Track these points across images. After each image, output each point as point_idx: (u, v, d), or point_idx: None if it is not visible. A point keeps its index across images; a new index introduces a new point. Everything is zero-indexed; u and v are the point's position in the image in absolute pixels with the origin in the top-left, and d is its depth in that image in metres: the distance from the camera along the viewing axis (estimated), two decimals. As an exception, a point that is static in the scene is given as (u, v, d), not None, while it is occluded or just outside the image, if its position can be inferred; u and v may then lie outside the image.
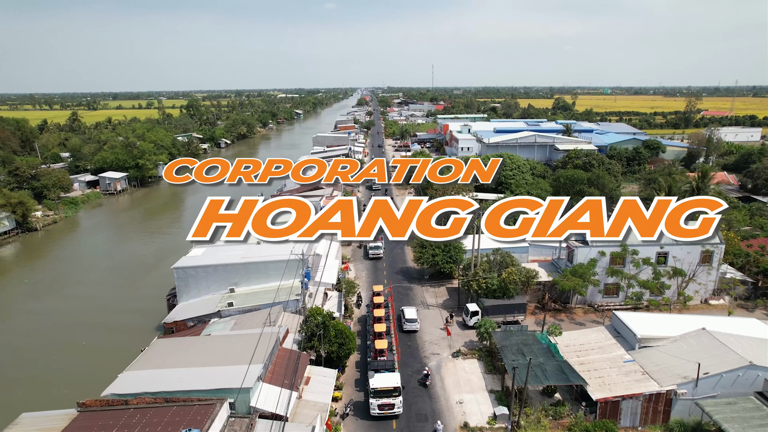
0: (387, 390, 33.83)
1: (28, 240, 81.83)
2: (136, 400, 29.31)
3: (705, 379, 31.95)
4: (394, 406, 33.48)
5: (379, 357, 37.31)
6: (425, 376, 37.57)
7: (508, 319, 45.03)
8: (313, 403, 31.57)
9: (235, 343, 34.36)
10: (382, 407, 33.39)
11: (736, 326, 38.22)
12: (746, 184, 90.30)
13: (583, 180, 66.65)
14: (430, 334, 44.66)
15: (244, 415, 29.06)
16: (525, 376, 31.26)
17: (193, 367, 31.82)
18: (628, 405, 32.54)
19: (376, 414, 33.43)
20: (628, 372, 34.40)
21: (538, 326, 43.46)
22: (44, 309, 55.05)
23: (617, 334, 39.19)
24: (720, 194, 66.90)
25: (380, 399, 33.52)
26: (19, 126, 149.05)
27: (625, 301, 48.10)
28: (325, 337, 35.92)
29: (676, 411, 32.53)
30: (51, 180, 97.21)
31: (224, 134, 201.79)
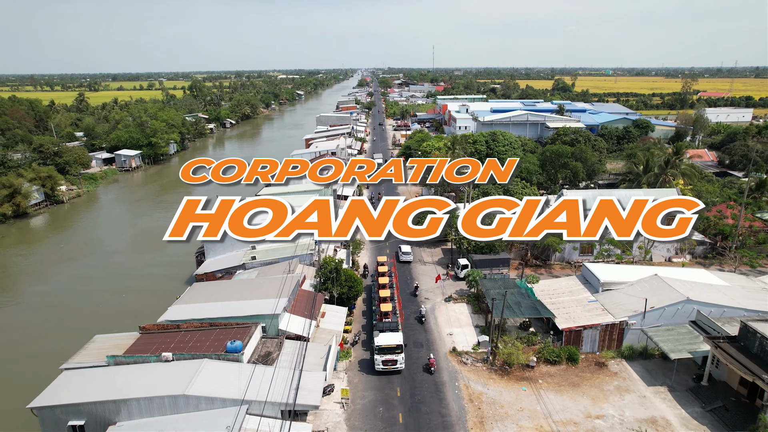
0: (390, 347, 36.81)
1: (57, 211, 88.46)
2: (185, 324, 36.27)
3: (651, 312, 38.77)
4: (396, 362, 36.62)
5: (384, 319, 40.77)
6: (421, 316, 44.47)
7: (494, 273, 51.80)
8: (329, 330, 38.51)
9: (263, 284, 41.20)
10: (386, 363, 36.55)
11: (686, 274, 44.97)
12: (724, 161, 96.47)
13: (567, 154, 72.99)
14: (426, 284, 51.53)
15: (274, 336, 35.99)
16: (502, 307, 38.08)
17: (230, 301, 38.70)
18: (588, 334, 39.43)
19: (380, 369, 36.62)
20: (590, 309, 41.24)
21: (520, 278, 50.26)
22: (83, 268, 62.02)
23: (585, 282, 45.94)
24: (693, 167, 73.05)
25: (384, 356, 36.62)
26: (32, 106, 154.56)
27: (595, 256, 54.82)
28: (337, 281, 42.75)
29: (627, 338, 39.45)
30: (72, 157, 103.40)
31: (229, 114, 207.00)
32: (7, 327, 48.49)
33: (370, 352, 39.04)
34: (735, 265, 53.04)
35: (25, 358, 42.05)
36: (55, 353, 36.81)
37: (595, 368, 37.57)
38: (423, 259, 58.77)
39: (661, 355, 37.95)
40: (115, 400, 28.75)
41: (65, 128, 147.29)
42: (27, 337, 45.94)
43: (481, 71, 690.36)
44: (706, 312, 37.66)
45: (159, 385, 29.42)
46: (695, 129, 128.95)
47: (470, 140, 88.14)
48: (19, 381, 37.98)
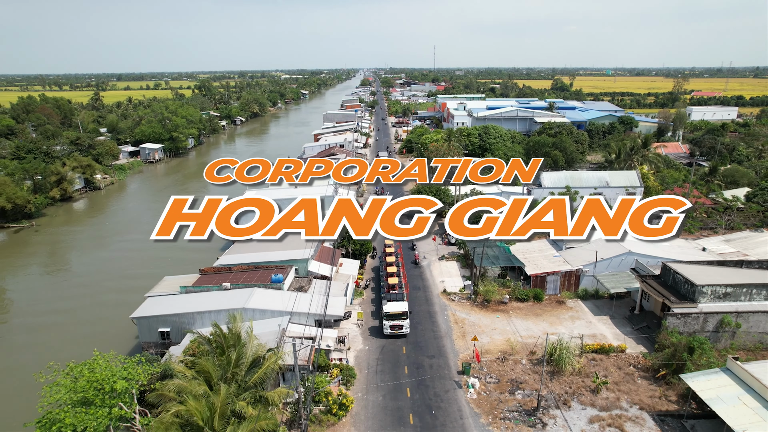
0: (397, 314, 41.61)
1: (95, 196, 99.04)
2: (235, 267, 46.67)
3: (601, 262, 49.02)
4: (402, 327, 41.46)
5: (391, 291, 45.80)
6: (416, 260, 55.21)
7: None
8: (346, 275, 48.85)
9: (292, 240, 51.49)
10: (393, 327, 41.42)
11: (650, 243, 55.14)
12: (694, 152, 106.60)
13: (549, 144, 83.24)
14: (424, 247, 61.85)
15: (305, 276, 46.36)
16: (481, 257, 48.39)
17: (268, 252, 49.05)
18: (551, 279, 49.69)
19: (388, 333, 41.56)
20: (554, 261, 51.50)
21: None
22: (130, 240, 72.52)
23: (554, 243, 56.15)
24: (659, 156, 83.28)
25: (392, 321, 41.49)
26: (58, 104, 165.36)
27: (566, 227, 64.95)
28: (351, 240, 53.05)
29: (583, 283, 49.67)
30: (104, 149, 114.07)
31: (239, 112, 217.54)
32: (92, 273, 60.16)
33: (379, 320, 44.14)
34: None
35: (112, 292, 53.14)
36: (134, 289, 47.44)
37: (555, 304, 47.82)
38: (421, 232, 69.05)
39: (609, 296, 48.17)
40: (191, 312, 39.18)
41: (88, 125, 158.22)
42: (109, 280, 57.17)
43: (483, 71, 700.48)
44: (644, 261, 47.89)
45: (223, 303, 39.79)
46: (675, 125, 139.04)
47: (465, 133, 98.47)
48: (113, 304, 48.88)
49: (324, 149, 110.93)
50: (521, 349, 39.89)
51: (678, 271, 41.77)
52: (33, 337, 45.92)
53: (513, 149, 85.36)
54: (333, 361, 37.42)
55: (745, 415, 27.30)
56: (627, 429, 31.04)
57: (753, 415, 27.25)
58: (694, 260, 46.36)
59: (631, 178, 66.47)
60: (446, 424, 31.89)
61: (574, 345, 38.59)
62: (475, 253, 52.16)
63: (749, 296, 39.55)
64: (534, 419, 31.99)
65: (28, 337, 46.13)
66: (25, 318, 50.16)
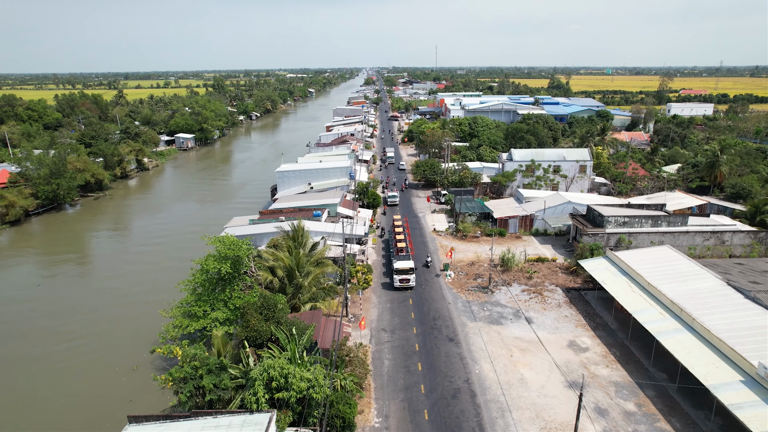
0: (404, 269, 50.32)
1: (145, 176, 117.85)
2: (285, 209, 65.28)
3: (548, 209, 67.38)
4: (409, 281, 50.52)
5: (400, 253, 54.48)
6: (417, 217, 73.40)
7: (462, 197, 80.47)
8: (363, 217, 67.43)
9: (325, 194, 70.18)
10: (402, 281, 50.44)
11: (581, 197, 73.50)
12: (654, 139, 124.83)
13: (524, 130, 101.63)
14: (420, 206, 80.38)
15: (334, 216, 65.00)
16: (460, 204, 66.87)
17: (307, 200, 67.63)
18: (512, 221, 68.08)
19: (398, 286, 50.70)
20: (515, 209, 69.90)
21: (480, 202, 78.94)
22: (185, 206, 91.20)
23: (517, 199, 74.56)
24: (615, 140, 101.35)
25: (400, 275, 50.31)
26: (96, 101, 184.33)
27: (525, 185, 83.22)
28: (366, 195, 71.60)
29: (535, 224, 68.02)
30: (148, 137, 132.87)
31: (254, 108, 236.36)
32: (170, 222, 79.06)
33: (389, 275, 53.79)
34: (614, 193, 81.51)
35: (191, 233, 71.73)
36: (207, 230, 66.21)
37: (514, 238, 66.19)
38: (418, 195, 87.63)
39: (555, 234, 66.50)
40: (260, 233, 57.65)
41: (123, 118, 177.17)
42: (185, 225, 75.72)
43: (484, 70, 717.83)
44: (579, 208, 66.23)
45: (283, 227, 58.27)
46: (646, 118, 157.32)
47: (457, 122, 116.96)
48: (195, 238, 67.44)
49: (337, 137, 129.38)
50: (484, 260, 58.31)
51: (595, 209, 60.24)
52: (149, 254, 64.70)
53: (496, 135, 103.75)
54: (358, 261, 55.95)
55: (610, 278, 45.66)
56: (545, 294, 49.54)
57: (614, 277, 45.60)
58: (609, 204, 64.85)
59: (583, 154, 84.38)
60: (432, 294, 50.39)
61: (520, 255, 57.04)
62: (456, 200, 70.73)
63: (639, 224, 57.96)
64: (486, 290, 50.50)
65: (146, 255, 64.94)
66: (139, 246, 69.40)
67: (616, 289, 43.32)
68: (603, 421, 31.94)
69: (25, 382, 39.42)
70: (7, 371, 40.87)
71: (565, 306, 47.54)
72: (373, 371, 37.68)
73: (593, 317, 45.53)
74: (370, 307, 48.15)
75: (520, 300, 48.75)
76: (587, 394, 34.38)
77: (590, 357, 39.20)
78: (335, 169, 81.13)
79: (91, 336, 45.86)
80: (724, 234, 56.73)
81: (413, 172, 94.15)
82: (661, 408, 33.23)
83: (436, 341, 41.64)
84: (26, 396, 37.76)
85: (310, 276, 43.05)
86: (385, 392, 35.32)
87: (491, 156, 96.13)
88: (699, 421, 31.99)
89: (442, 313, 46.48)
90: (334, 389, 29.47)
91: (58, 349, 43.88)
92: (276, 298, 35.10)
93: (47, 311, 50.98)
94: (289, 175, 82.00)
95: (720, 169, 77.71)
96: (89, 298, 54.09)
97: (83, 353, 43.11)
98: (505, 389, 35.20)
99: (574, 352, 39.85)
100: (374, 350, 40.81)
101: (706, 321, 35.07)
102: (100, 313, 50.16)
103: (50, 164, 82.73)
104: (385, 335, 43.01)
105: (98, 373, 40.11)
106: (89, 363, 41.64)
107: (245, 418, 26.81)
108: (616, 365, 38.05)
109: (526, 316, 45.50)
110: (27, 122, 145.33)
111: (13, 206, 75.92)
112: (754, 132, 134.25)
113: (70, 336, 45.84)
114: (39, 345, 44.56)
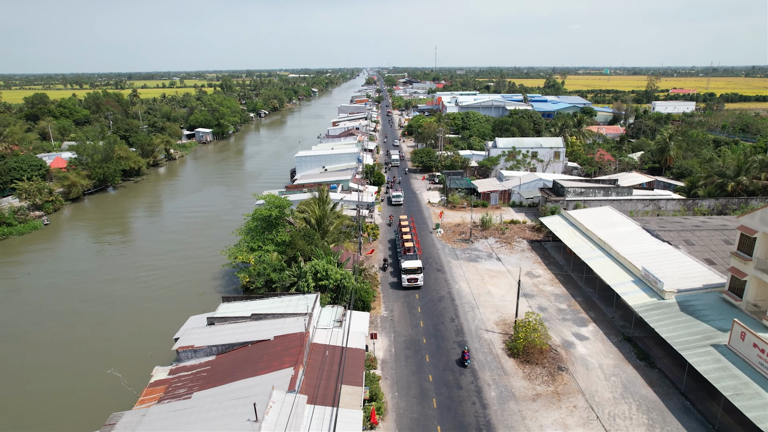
0: (412, 269, 50.25)
1: (172, 164, 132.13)
2: (307, 184, 79.61)
3: (523, 184, 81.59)
4: (417, 280, 50.34)
5: (407, 252, 55.40)
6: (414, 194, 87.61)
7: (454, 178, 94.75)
8: (370, 191, 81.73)
9: (338, 173, 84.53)
10: (410, 280, 50.34)
11: (552, 174, 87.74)
12: (628, 132, 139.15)
13: (509, 123, 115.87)
14: (417, 185, 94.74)
15: (347, 189, 79.29)
16: (450, 181, 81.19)
17: (323, 178, 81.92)
18: (493, 195, 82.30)
19: (405, 285, 50.37)
20: (497, 186, 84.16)
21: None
22: (216, 187, 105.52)
23: (500, 179, 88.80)
24: (590, 131, 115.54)
25: (408, 275, 50.19)
26: (118, 99, 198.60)
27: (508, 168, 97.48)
28: (372, 174, 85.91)
29: (512, 198, 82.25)
30: (172, 130, 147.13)
31: (263, 106, 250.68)
32: (206, 199, 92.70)
33: (398, 275, 54.31)
34: (582, 175, 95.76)
35: (226, 205, 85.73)
36: (237, 206, 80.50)
37: (495, 209, 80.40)
38: (416, 177, 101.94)
39: (528, 206, 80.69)
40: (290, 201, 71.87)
41: (143, 115, 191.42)
42: (217, 201, 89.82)
43: (484, 70, 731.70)
44: (548, 184, 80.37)
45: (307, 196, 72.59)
46: (626, 114, 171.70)
47: (451, 117, 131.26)
48: (231, 208, 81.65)
49: (344, 131, 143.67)
50: (469, 223, 72.54)
51: (558, 182, 74.55)
52: (192, 226, 78.97)
53: (485, 127, 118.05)
54: (367, 221, 70.19)
55: (561, 228, 59.81)
56: (513, 244, 63.81)
57: (564, 227, 59.77)
58: (572, 179, 79.16)
59: (557, 142, 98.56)
60: (425, 242, 64.60)
61: (497, 219, 71.32)
62: (447, 179, 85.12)
63: (594, 193, 72.20)
64: (468, 241, 64.75)
65: (190, 227, 79.20)
66: (182, 218, 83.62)
67: (564, 235, 57.55)
68: (543, 314, 46.11)
69: (109, 315, 53.64)
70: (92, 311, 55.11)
71: (528, 251, 61.82)
72: (381, 285, 51.95)
73: (548, 258, 59.82)
74: (377, 253, 62.44)
75: (493, 247, 63.02)
76: (533, 300, 48.62)
77: (541, 280, 53.46)
78: (345, 155, 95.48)
79: (163, 270, 60.11)
80: (660, 201, 71.04)
81: (412, 159, 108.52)
82: (584, 307, 47.48)
83: (428, 271, 55.82)
84: (106, 325, 51.95)
85: (334, 224, 57.30)
86: (390, 298, 49.60)
87: (480, 145, 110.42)
88: (607, 312, 46.29)
89: (433, 255, 60.77)
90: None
91: (138, 295, 58.17)
92: (311, 232, 49.38)
93: (130, 263, 65.35)
94: (306, 160, 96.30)
95: (669, 153, 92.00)
96: (159, 245, 68.39)
97: (160, 287, 57.39)
98: (476, 297, 49.48)
99: (530, 277, 54.08)
100: (382, 276, 55.06)
101: (620, 249, 49.30)
102: (169, 257, 64.45)
103: (102, 151, 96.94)
104: (388, 268, 57.30)
105: (181, 296, 54.36)
106: (174, 288, 55.88)
107: (300, 297, 41.10)
108: (558, 285, 52.33)
109: (497, 256, 59.81)
110: (60, 118, 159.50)
111: (75, 185, 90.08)
112: (722, 126, 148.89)
113: (152, 275, 60.15)
114: (119, 291, 58.88)
